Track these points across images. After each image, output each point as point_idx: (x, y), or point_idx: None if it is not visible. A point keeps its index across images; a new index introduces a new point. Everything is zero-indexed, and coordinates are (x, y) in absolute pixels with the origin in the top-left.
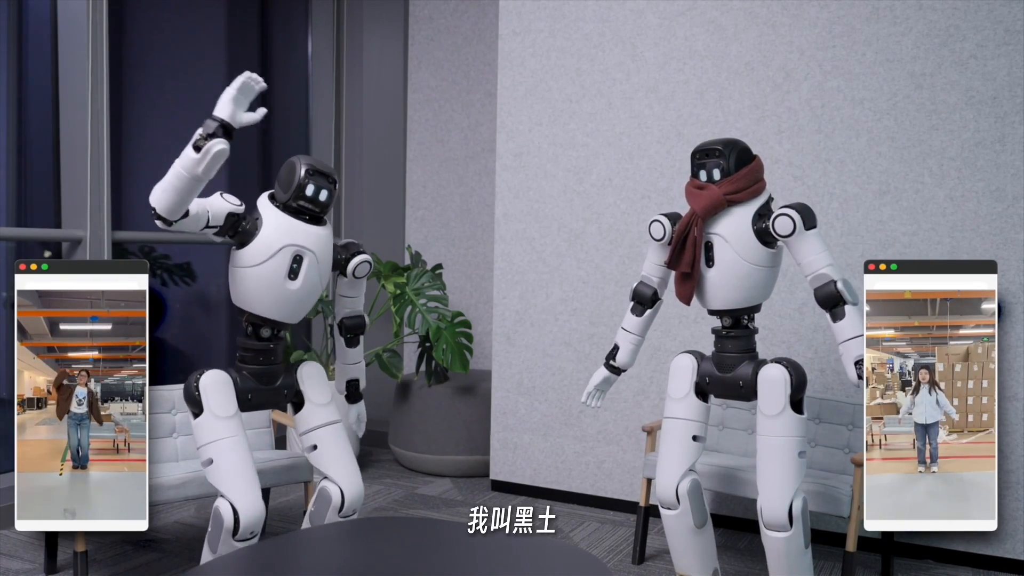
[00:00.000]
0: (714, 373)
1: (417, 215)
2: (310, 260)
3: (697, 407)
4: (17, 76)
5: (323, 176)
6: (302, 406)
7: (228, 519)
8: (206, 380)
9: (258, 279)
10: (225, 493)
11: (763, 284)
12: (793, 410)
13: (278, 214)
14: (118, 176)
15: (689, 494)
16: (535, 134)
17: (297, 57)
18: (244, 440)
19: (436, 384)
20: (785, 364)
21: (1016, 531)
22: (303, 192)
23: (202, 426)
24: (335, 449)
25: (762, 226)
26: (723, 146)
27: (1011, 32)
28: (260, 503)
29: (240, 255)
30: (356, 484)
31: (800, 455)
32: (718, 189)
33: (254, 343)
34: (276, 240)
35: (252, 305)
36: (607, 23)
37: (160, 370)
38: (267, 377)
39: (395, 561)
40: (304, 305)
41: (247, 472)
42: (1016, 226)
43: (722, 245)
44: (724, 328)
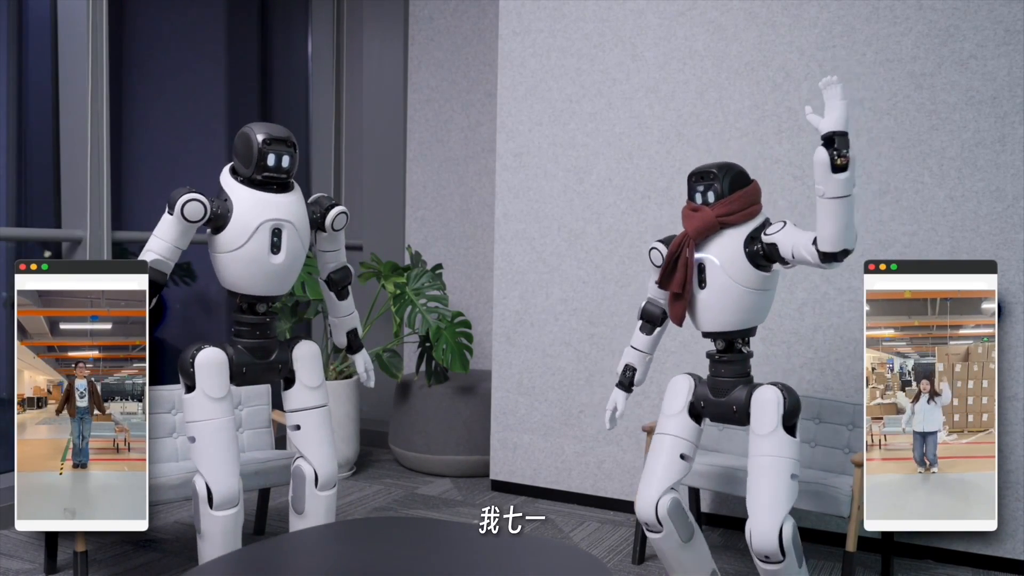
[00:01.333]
0: (708, 397)
1: (417, 215)
2: (289, 231)
3: (689, 427)
4: (17, 76)
5: (281, 142)
6: (293, 383)
7: (202, 491)
8: (202, 358)
9: (243, 260)
10: (202, 472)
11: (756, 307)
12: (786, 432)
13: (246, 190)
14: (118, 176)
15: (670, 514)
16: (535, 134)
17: (297, 57)
18: (230, 422)
19: (436, 384)
20: (780, 387)
21: (1016, 531)
22: (265, 162)
23: (192, 403)
24: (316, 433)
25: (754, 249)
26: (718, 169)
27: (1011, 32)
28: (234, 480)
29: (219, 240)
30: (330, 463)
31: (792, 477)
32: (711, 211)
33: (250, 317)
34: (252, 219)
35: (242, 286)
36: (607, 23)
37: (160, 370)
38: (262, 351)
39: (395, 561)
40: (292, 273)
41: (227, 455)
42: (1016, 226)
43: (713, 267)
44: (718, 352)
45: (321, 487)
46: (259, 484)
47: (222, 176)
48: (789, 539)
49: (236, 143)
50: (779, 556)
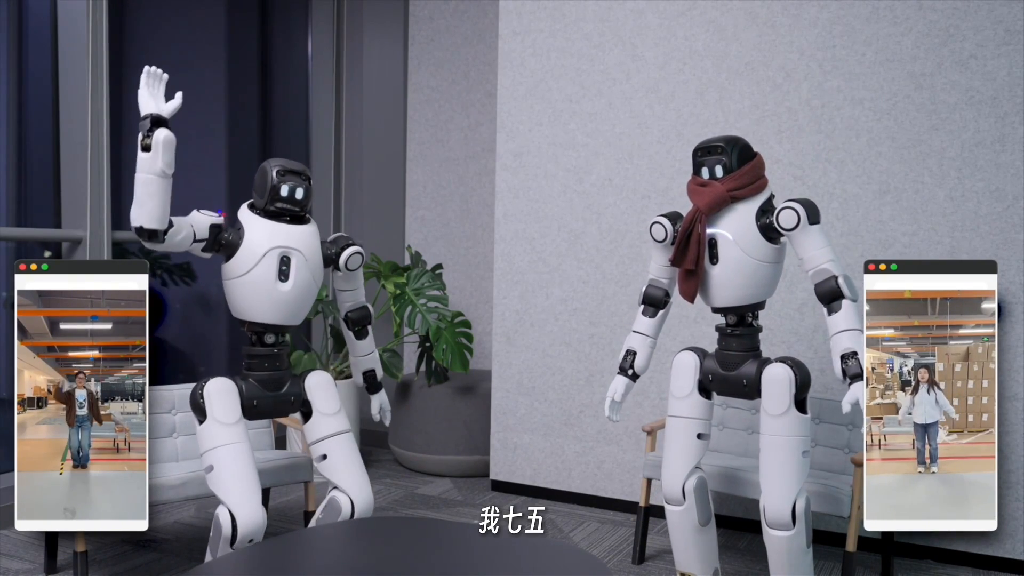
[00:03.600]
0: (717, 371)
1: (417, 215)
2: (298, 259)
3: (701, 405)
4: (17, 76)
5: (295, 175)
6: (311, 415)
7: (226, 527)
8: (211, 387)
9: (250, 286)
10: (224, 500)
11: (767, 280)
12: (797, 409)
13: (259, 220)
14: (118, 176)
15: (695, 491)
16: (535, 134)
17: (297, 57)
18: (247, 447)
19: (436, 384)
20: (790, 363)
21: (1016, 531)
22: (278, 193)
23: (205, 432)
24: (344, 459)
25: (766, 222)
26: (725, 143)
27: (1011, 32)
28: (259, 511)
29: (229, 267)
30: (366, 493)
31: (804, 454)
32: (721, 186)
33: (259, 349)
34: (260, 245)
35: (250, 313)
36: (607, 23)
37: (160, 370)
38: (273, 384)
39: (395, 561)
40: (302, 305)
41: (247, 479)
42: (1016, 226)
43: (726, 242)
44: (729, 326)
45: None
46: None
47: (240, 210)
48: (801, 510)
49: (255, 177)
50: (790, 525)
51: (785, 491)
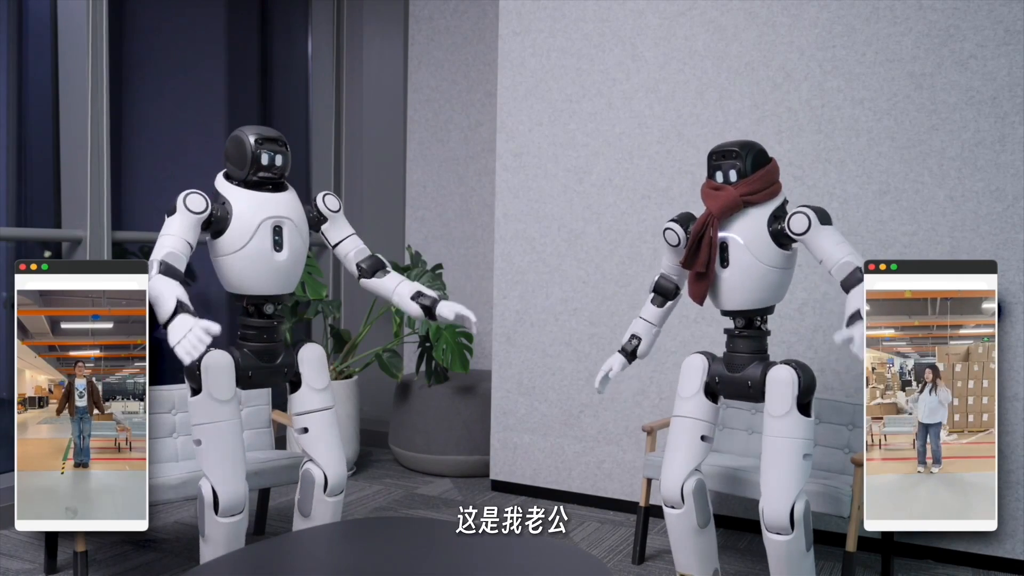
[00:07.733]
0: (724, 373)
1: (417, 215)
2: (289, 227)
3: (706, 407)
4: (17, 76)
5: (273, 141)
6: (299, 386)
7: (208, 497)
8: (208, 360)
9: (247, 260)
10: (208, 476)
11: (777, 286)
12: (800, 412)
13: (242, 192)
14: (118, 176)
15: (694, 494)
16: (535, 134)
17: (297, 57)
18: (236, 424)
19: (436, 384)
20: (794, 365)
21: (1016, 531)
22: (259, 162)
23: (197, 406)
24: (324, 435)
25: (778, 228)
26: (740, 147)
27: (1011, 32)
28: (241, 488)
29: (220, 244)
30: (341, 470)
31: (805, 457)
32: (734, 190)
33: (257, 320)
34: (252, 218)
35: (248, 287)
36: (607, 23)
37: (160, 370)
38: (268, 354)
39: (394, 561)
40: (296, 271)
41: (233, 457)
42: (1016, 226)
43: (737, 246)
44: (737, 329)
45: (330, 492)
46: (259, 484)
47: (217, 182)
48: (800, 514)
49: (228, 148)
50: (789, 530)
51: (784, 494)
